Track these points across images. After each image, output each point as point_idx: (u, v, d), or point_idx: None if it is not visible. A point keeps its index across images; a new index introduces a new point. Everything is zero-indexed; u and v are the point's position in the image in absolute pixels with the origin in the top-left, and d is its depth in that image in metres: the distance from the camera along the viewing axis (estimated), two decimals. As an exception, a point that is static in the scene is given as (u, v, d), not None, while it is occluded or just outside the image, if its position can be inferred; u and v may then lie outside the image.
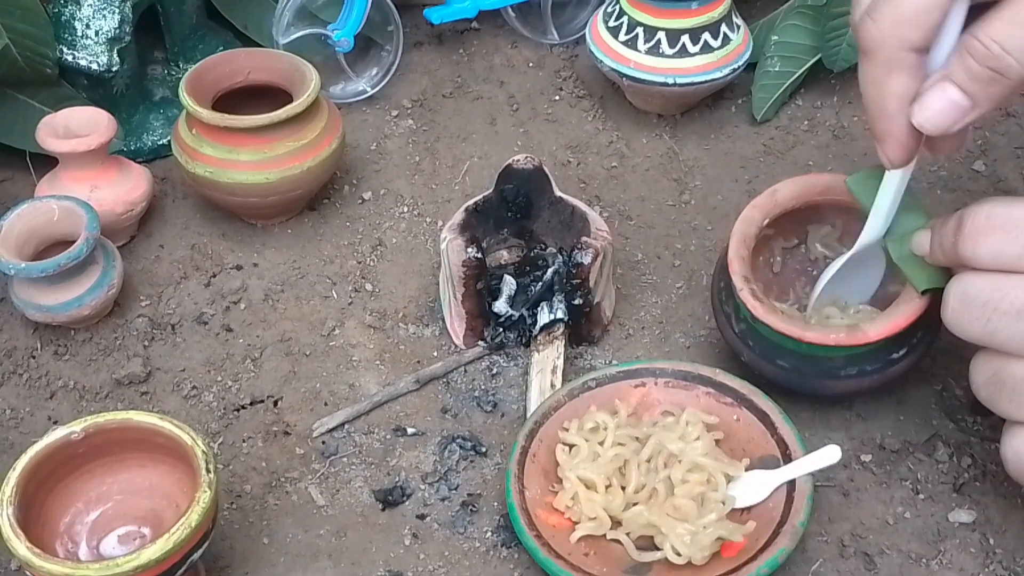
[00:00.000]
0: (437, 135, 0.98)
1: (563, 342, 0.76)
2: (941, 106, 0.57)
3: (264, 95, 0.88)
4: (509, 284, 0.78)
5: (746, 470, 0.67)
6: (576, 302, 0.77)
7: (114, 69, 0.90)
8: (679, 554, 0.63)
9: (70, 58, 0.89)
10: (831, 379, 0.69)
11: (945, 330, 0.61)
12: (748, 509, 0.66)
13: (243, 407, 0.76)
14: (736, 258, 0.70)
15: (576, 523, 0.66)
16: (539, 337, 0.77)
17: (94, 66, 0.89)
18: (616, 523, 0.66)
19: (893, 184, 0.65)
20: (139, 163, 0.89)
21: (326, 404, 0.76)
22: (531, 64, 1.05)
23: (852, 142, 0.95)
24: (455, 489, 0.70)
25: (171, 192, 0.92)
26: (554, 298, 0.77)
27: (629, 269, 0.85)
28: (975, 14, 0.56)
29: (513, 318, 0.78)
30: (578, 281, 0.76)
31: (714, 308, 0.74)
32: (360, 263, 0.86)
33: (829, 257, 0.74)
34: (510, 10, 1.05)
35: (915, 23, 0.56)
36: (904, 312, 0.66)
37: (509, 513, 0.65)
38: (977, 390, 0.61)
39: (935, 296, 0.63)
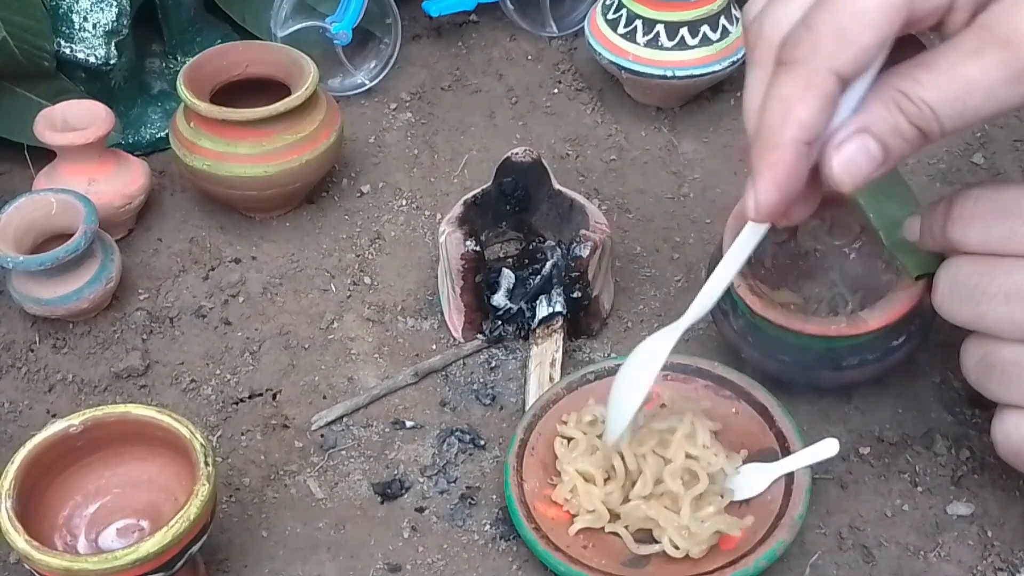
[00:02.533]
0: (436, 128, 0.98)
1: (562, 335, 0.76)
2: (859, 158, 0.51)
3: (262, 88, 0.87)
4: (508, 277, 0.78)
5: (744, 463, 0.67)
6: (575, 295, 0.77)
7: (112, 62, 0.90)
8: (677, 547, 0.63)
9: (68, 51, 0.89)
10: (834, 370, 0.69)
11: (942, 322, 0.61)
12: (746, 502, 0.65)
13: (242, 400, 0.76)
14: None
15: (574, 516, 0.66)
16: (538, 330, 0.77)
17: (92, 59, 0.89)
18: (614, 516, 0.66)
19: (743, 246, 0.57)
20: (137, 156, 0.89)
21: (325, 397, 0.76)
22: (530, 57, 1.05)
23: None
24: (454, 482, 0.70)
25: (169, 185, 0.92)
26: (553, 291, 0.77)
27: (628, 262, 0.85)
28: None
29: (512, 311, 0.78)
30: (577, 274, 0.76)
31: (711, 306, 0.74)
32: (359, 256, 0.86)
33: (819, 250, 0.74)
34: (508, 2, 1.05)
35: (858, 43, 0.49)
36: (901, 299, 0.66)
37: (508, 506, 0.65)
38: (968, 374, 0.61)
39: (930, 282, 0.63)
